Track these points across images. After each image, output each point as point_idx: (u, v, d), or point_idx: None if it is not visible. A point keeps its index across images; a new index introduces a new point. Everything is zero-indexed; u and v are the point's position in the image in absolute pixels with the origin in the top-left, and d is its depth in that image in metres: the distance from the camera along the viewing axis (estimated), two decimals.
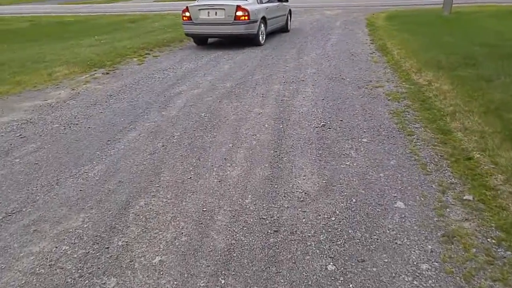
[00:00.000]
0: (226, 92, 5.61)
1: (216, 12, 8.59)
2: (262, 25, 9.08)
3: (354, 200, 2.75)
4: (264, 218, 2.60)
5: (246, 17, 8.41)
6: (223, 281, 2.09)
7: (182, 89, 5.86)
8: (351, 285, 2.02)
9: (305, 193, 2.87)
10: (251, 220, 2.59)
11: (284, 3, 10.78)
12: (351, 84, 5.69)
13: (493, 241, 2.27)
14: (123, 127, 4.40)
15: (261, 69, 6.86)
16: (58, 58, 8.48)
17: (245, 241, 2.39)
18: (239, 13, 8.40)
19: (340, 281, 2.05)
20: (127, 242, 2.43)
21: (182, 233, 2.49)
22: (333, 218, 2.56)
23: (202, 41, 9.65)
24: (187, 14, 8.81)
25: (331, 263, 2.18)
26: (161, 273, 2.17)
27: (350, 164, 3.26)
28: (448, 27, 10.19)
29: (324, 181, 3.01)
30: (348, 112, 4.52)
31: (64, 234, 2.53)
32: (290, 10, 11.41)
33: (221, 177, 3.15)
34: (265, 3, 9.45)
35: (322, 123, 4.20)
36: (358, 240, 2.35)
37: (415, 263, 2.14)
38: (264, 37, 9.27)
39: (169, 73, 6.91)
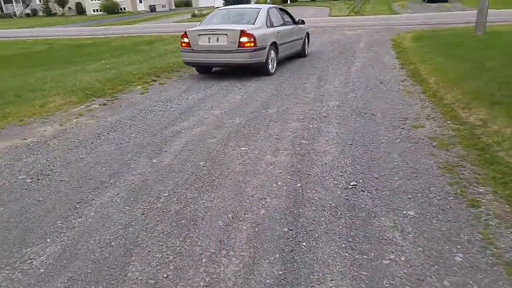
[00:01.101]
0: (234, 131, 4.72)
1: (217, 38, 7.37)
2: (272, 52, 7.84)
3: None
4: None
5: (252, 44, 7.17)
6: None
7: (183, 126, 5.00)
8: None
9: None
10: None
11: (300, 26, 9.62)
12: (383, 122, 4.72)
13: None
14: (102, 181, 3.54)
15: (276, 101, 5.96)
16: (57, 85, 7.82)
17: None
18: (244, 39, 7.16)
19: None
20: None
21: None
22: None
23: (205, 70, 8.59)
24: (186, 40, 7.68)
25: None
26: None
27: (396, 259, 2.27)
28: (487, 49, 9.11)
29: None
30: (384, 164, 3.54)
31: None
32: (307, 33, 10.26)
33: (211, 279, 2.21)
34: (276, 26, 8.22)
35: (352, 182, 3.23)
36: None
37: None
38: (275, 66, 8.04)
39: (172, 105, 6.08)
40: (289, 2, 40.62)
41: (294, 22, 9.35)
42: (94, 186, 3.46)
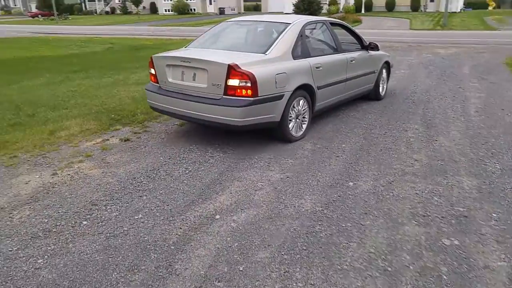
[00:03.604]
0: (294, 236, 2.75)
1: (194, 74, 4.15)
2: (302, 102, 4.48)
3: None
4: None
5: (250, 91, 3.84)
6: None
7: (218, 204, 3.12)
8: None
9: None
10: None
11: (372, 52, 5.99)
12: None
13: None
14: None
15: (339, 226, 3.89)
16: (83, 102, 6.35)
17: None
18: (233, 81, 3.86)
19: None
20: None
21: None
22: None
23: None
24: (153, 71, 4.62)
25: None
26: None
27: None
28: None
29: None
30: None
31: None
32: (387, 63, 6.53)
33: None
34: (317, 55, 4.80)
35: None
36: None
37: None
38: (305, 125, 4.64)
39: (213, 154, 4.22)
40: (363, 11, 37.52)
41: (362, 46, 5.87)
42: None
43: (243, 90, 3.86)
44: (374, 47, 5.93)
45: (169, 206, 3.11)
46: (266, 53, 4.24)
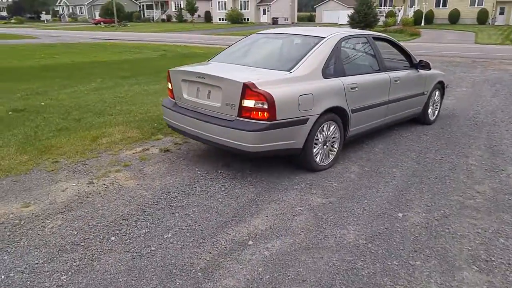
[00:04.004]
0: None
1: (209, 92, 3.77)
2: (333, 127, 3.97)
3: None
4: None
5: (266, 114, 3.39)
6: None
7: (252, 228, 2.90)
8: None
9: None
10: None
11: (422, 72, 5.28)
12: None
13: None
14: None
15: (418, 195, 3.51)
16: (129, 109, 6.40)
17: None
18: (249, 102, 3.42)
19: None
20: None
21: None
22: None
23: None
24: (170, 86, 4.30)
25: None
26: None
27: None
28: None
29: None
30: None
31: None
32: (441, 83, 5.81)
33: None
34: (352, 74, 4.19)
35: None
36: None
37: None
38: (334, 155, 4.09)
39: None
40: (422, 23, 36.04)
41: (411, 64, 5.21)
42: None
43: (259, 112, 3.39)
44: (425, 65, 5.22)
45: (201, 227, 2.93)
46: (292, 70, 3.72)
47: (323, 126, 3.85)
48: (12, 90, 7.96)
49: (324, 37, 4.12)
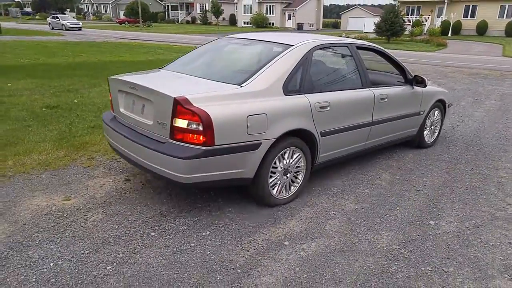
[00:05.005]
0: None
1: (143, 106, 3.14)
2: (297, 154, 3.36)
3: None
4: None
5: (202, 137, 2.77)
6: None
7: None
8: None
9: None
10: None
11: (418, 89, 4.56)
12: None
13: None
14: None
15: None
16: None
17: None
18: (181, 121, 2.80)
19: None
20: None
21: None
22: None
23: None
24: (110, 96, 3.71)
25: None
26: None
27: None
28: None
29: None
30: None
31: None
32: (442, 102, 5.08)
33: None
34: (323, 90, 3.54)
35: None
36: None
37: None
38: (297, 188, 3.47)
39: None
40: (449, 34, 35.38)
41: (406, 79, 4.52)
42: None
43: (194, 135, 2.77)
44: (420, 82, 4.47)
45: (237, 226, 3.02)
46: (243, 84, 3.06)
47: (284, 153, 3.24)
48: (43, 87, 8.23)
49: (292, 45, 3.46)
